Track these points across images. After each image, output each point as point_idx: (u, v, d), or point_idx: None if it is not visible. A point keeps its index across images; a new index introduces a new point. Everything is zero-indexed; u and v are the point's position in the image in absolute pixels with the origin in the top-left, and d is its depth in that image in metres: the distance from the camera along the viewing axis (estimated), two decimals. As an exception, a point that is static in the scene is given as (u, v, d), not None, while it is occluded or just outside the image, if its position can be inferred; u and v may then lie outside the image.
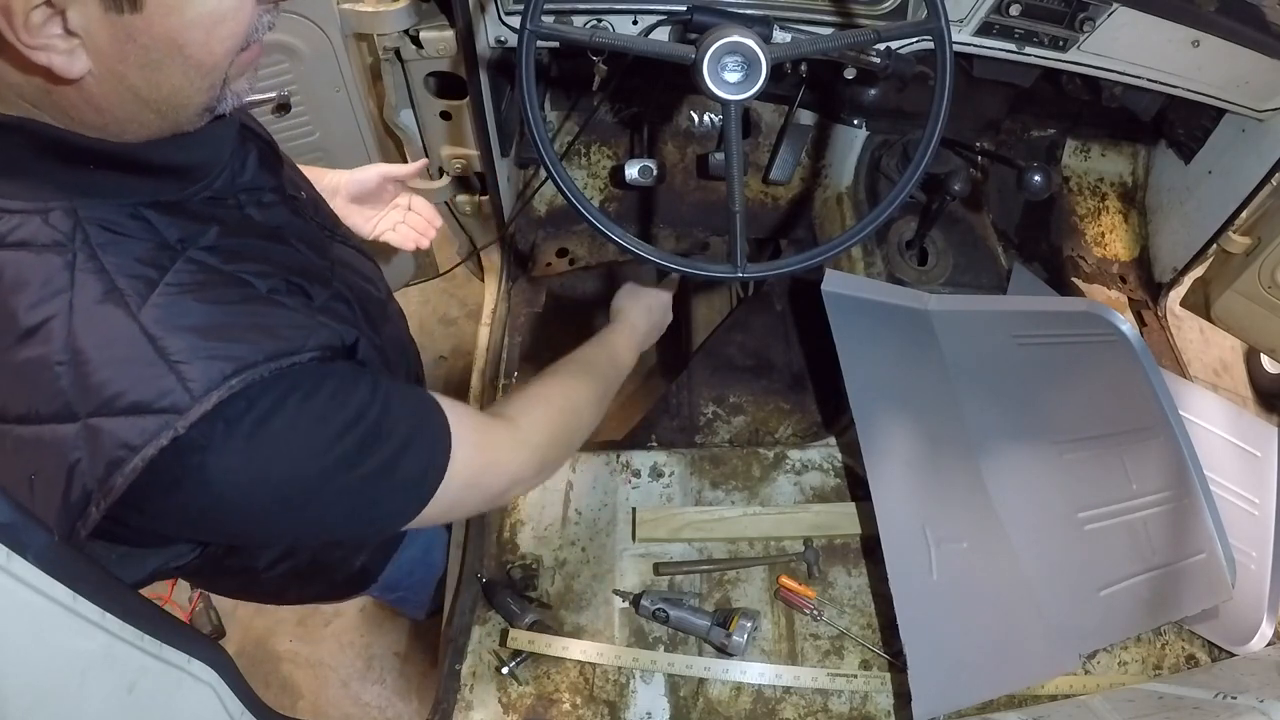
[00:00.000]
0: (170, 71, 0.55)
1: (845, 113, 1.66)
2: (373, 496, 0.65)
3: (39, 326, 0.52)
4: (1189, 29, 1.26)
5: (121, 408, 0.52)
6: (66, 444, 0.52)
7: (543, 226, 1.80)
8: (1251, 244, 1.55)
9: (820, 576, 1.19)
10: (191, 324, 0.55)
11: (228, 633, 2.01)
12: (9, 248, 0.54)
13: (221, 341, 0.55)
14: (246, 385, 0.54)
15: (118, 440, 0.51)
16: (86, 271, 0.54)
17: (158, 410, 0.52)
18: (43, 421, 0.53)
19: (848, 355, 1.21)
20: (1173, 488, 1.32)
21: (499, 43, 1.25)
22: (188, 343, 0.54)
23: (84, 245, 0.54)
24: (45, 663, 0.56)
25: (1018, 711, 1.03)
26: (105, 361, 0.52)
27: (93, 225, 0.55)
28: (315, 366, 0.60)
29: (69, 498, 0.53)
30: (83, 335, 0.52)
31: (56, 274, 0.53)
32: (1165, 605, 1.20)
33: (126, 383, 0.52)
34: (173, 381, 0.52)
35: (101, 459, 0.52)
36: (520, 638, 1.08)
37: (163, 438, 0.51)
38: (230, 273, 0.59)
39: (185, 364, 0.53)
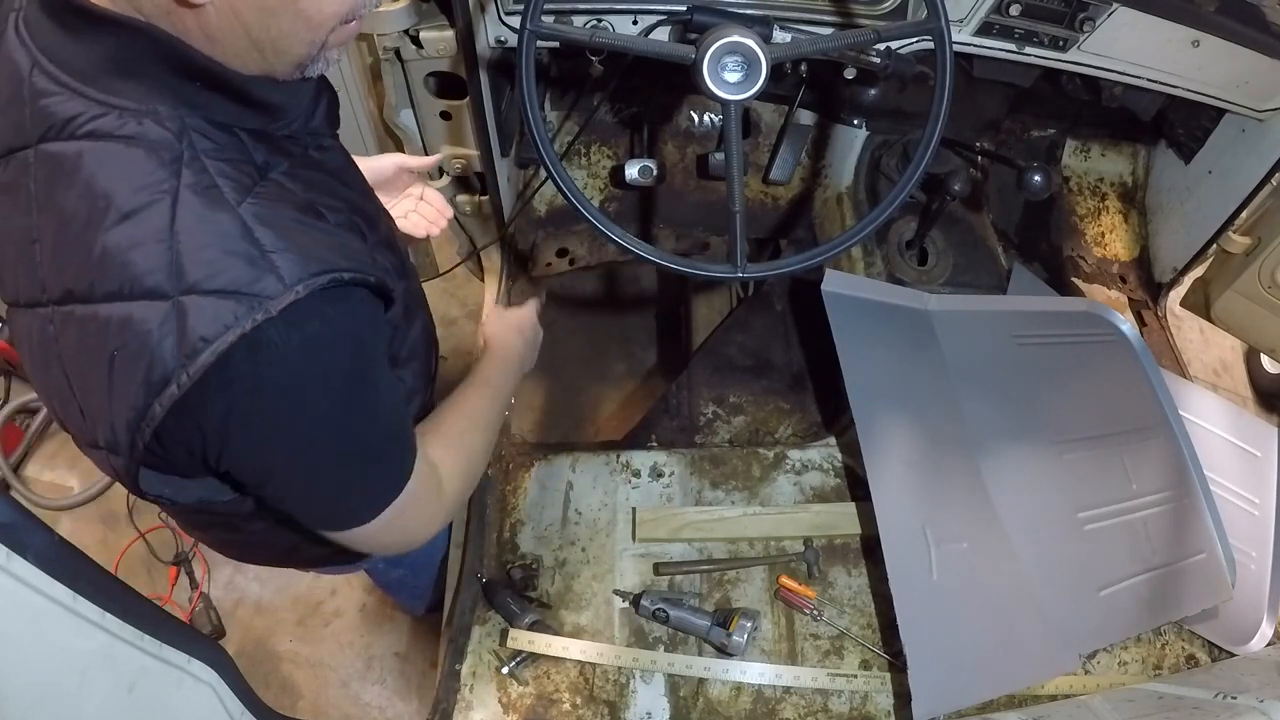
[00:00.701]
0: (281, 18, 0.59)
1: (845, 113, 1.66)
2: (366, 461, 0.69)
3: (140, 209, 0.55)
4: (1189, 29, 1.26)
5: (214, 288, 0.54)
6: (155, 321, 0.54)
7: (543, 226, 1.80)
8: (1251, 244, 1.55)
9: (820, 576, 1.19)
10: (282, 225, 0.58)
11: (228, 633, 2.01)
12: (116, 140, 0.56)
13: (309, 244, 0.59)
14: (330, 284, 0.58)
15: (209, 317, 0.54)
16: (190, 168, 0.57)
17: (249, 294, 0.54)
18: (134, 298, 0.55)
19: (848, 355, 1.21)
20: (1173, 488, 1.32)
21: (499, 43, 1.25)
22: (279, 238, 0.57)
23: (189, 146, 0.58)
24: (45, 663, 0.56)
25: (1018, 711, 1.03)
26: (202, 244, 0.55)
27: (196, 131, 0.59)
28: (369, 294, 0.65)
29: (150, 375, 0.55)
30: (183, 219, 0.55)
31: (164, 166, 0.56)
32: (1165, 605, 1.20)
33: (221, 265, 0.55)
34: (265, 268, 0.55)
35: (190, 335, 0.54)
36: (520, 638, 1.08)
37: (255, 316, 0.54)
38: (308, 200, 0.63)
39: (277, 254, 0.56)
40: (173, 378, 0.54)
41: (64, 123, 0.57)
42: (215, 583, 2.08)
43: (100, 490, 2.18)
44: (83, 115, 0.57)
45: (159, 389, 0.55)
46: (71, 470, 2.25)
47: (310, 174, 0.67)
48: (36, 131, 0.58)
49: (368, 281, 0.62)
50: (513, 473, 1.28)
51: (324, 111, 0.74)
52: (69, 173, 0.57)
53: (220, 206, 0.56)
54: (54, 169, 0.57)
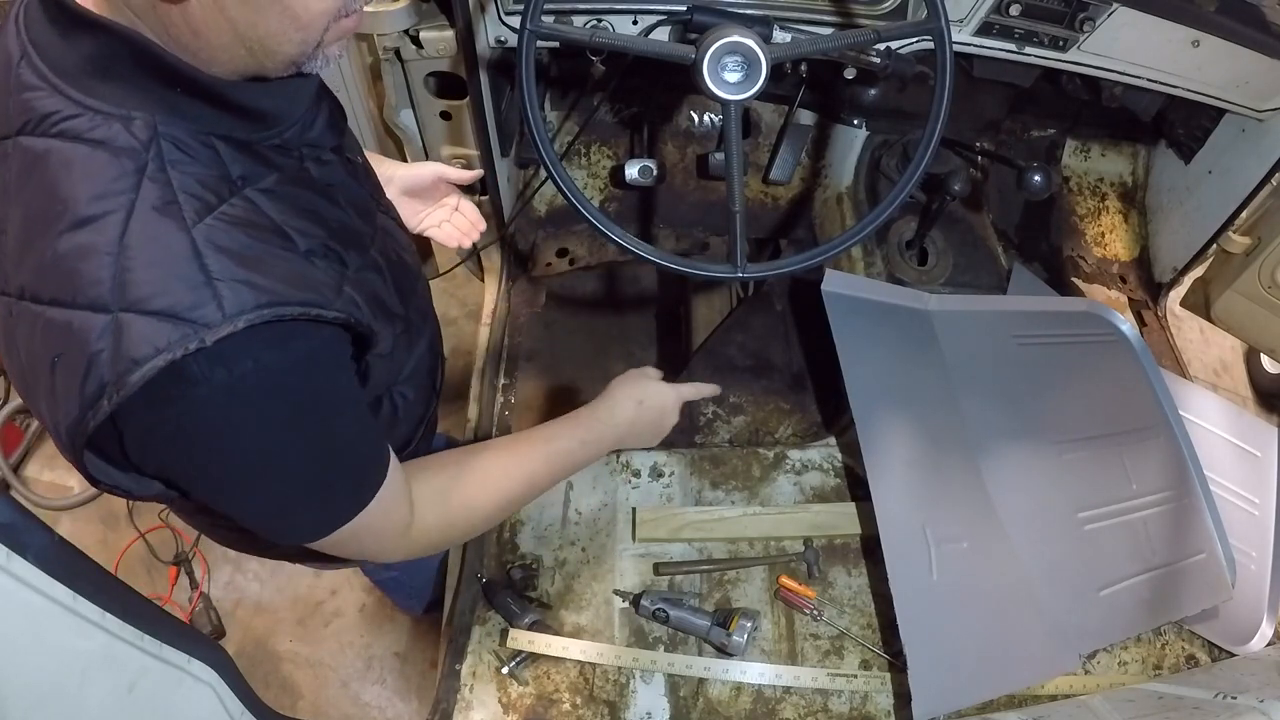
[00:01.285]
0: (268, 15, 0.57)
1: (845, 113, 1.66)
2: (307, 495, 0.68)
3: (96, 218, 0.54)
4: (1189, 29, 1.26)
5: (153, 309, 0.53)
6: (93, 333, 0.53)
7: (543, 226, 1.80)
8: (1251, 244, 1.55)
9: (820, 576, 1.19)
10: (236, 251, 0.57)
11: (228, 633, 2.01)
12: (84, 142, 0.56)
13: (259, 274, 0.57)
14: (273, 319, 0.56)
15: (143, 338, 0.53)
16: (153, 180, 0.56)
17: (187, 319, 0.53)
18: (76, 307, 0.54)
19: (848, 355, 1.21)
20: (1173, 488, 1.32)
21: (499, 43, 1.25)
22: (229, 265, 0.56)
23: (156, 156, 0.57)
24: (45, 663, 0.56)
25: (1018, 711, 1.03)
26: (149, 262, 0.54)
27: (167, 141, 0.58)
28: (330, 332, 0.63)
29: (85, 387, 0.54)
30: (135, 234, 0.54)
31: (126, 175, 0.55)
32: (1165, 605, 1.20)
33: (164, 286, 0.54)
34: (208, 295, 0.54)
35: (123, 354, 0.53)
36: (520, 638, 1.08)
37: (188, 344, 0.53)
38: (278, 224, 0.62)
39: (223, 283, 0.55)
40: (104, 393, 0.54)
41: (40, 118, 0.57)
42: (215, 583, 2.08)
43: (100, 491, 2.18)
44: (58, 113, 0.57)
45: (91, 401, 0.54)
46: (71, 470, 2.24)
47: (296, 191, 0.65)
48: (16, 123, 0.58)
49: (322, 317, 0.60)
50: (513, 473, 1.27)
51: (324, 122, 0.72)
52: (37, 169, 0.56)
53: (174, 225, 0.55)
54: (26, 163, 0.57)
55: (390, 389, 0.85)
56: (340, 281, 0.65)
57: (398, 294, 0.76)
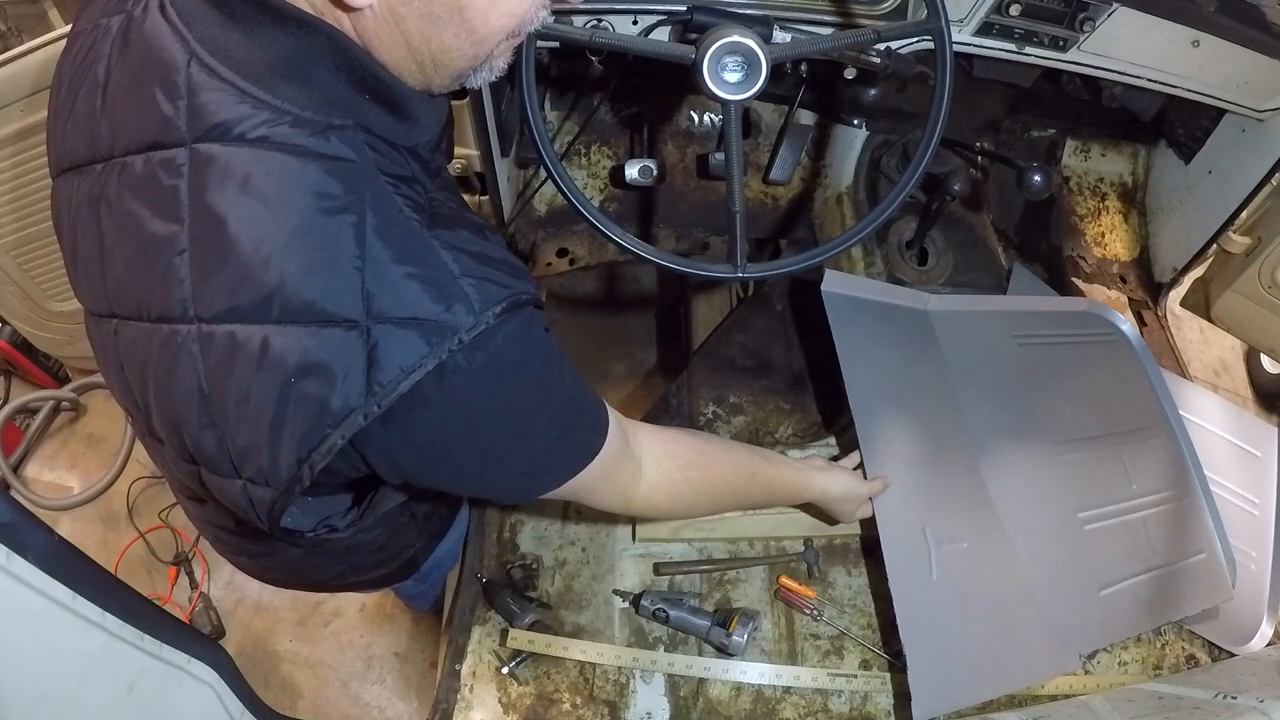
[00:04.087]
0: (444, 29, 0.57)
1: (845, 113, 1.66)
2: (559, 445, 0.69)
3: (322, 229, 0.52)
4: (1189, 29, 1.26)
5: (405, 316, 0.52)
6: (338, 350, 0.52)
7: (543, 226, 1.80)
8: (1251, 244, 1.55)
9: (820, 576, 1.19)
10: (464, 247, 0.56)
11: (228, 633, 2.01)
12: (288, 150, 0.53)
13: (490, 267, 0.57)
14: (512, 307, 0.56)
15: (402, 347, 0.52)
16: (373, 186, 0.55)
17: (441, 323, 0.53)
18: (315, 324, 0.52)
19: (847, 355, 1.21)
20: (1173, 488, 1.32)
21: (499, 43, 1.25)
22: (465, 262, 0.56)
23: (369, 164, 0.56)
24: (45, 663, 0.56)
25: (1018, 711, 1.03)
26: (393, 269, 0.53)
27: (370, 148, 0.57)
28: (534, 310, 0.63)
29: (330, 405, 0.52)
30: (372, 242, 0.52)
31: (343, 184, 0.53)
32: (1165, 605, 1.20)
33: (413, 293, 0.53)
34: (457, 293, 0.54)
35: (381, 366, 0.52)
36: (520, 638, 1.08)
37: (450, 345, 0.53)
38: (470, 218, 0.61)
39: (466, 279, 0.55)
40: (358, 408, 0.52)
41: (229, 125, 0.53)
42: (215, 583, 2.08)
43: (100, 490, 2.18)
44: (252, 119, 0.53)
45: (339, 419, 0.52)
46: (71, 470, 2.25)
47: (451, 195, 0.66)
48: (194, 131, 0.54)
49: (539, 300, 0.62)
50: (513, 473, 1.28)
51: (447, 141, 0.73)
52: (234, 180, 0.52)
53: (409, 230, 0.54)
54: (214, 174, 0.53)
55: None
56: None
57: None
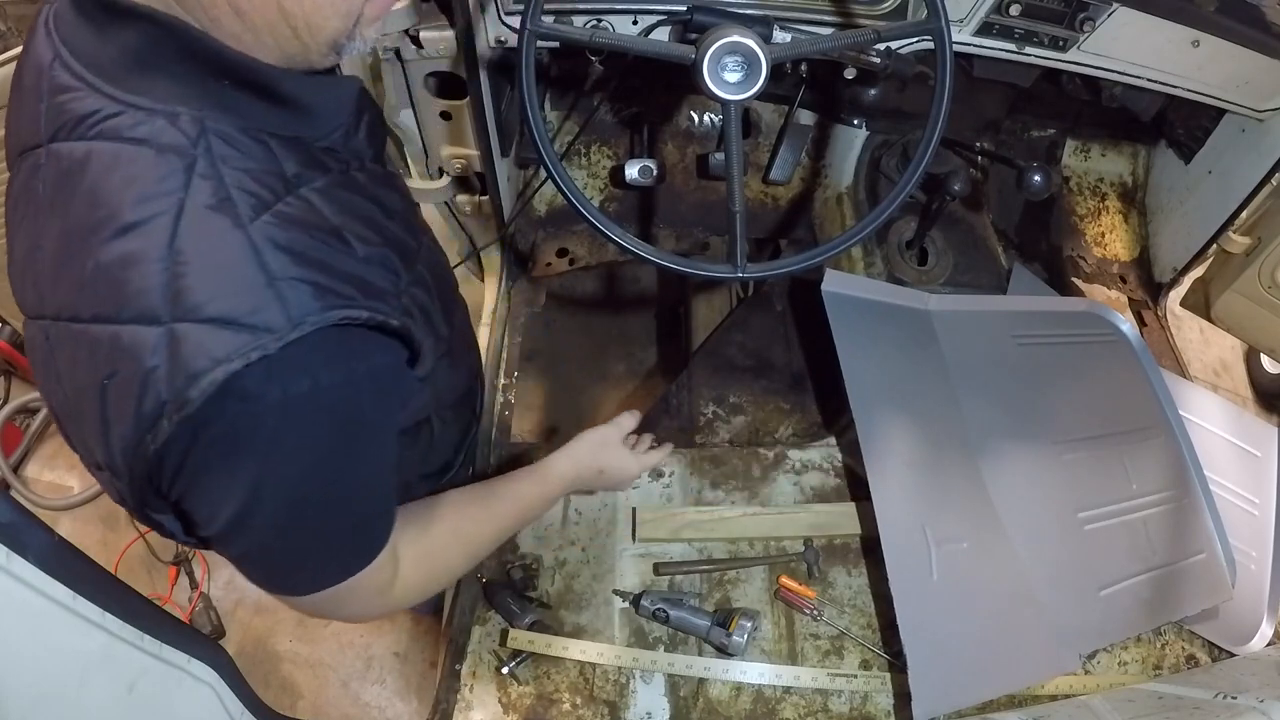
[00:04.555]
0: None
1: (845, 113, 1.66)
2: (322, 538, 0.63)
3: (142, 222, 0.50)
4: (1189, 29, 1.26)
5: (210, 315, 0.49)
6: (146, 348, 0.49)
7: (543, 226, 1.80)
8: (1251, 244, 1.55)
9: (820, 576, 1.19)
10: (296, 250, 0.53)
11: (228, 633, 2.01)
12: (126, 142, 0.52)
13: (324, 274, 0.53)
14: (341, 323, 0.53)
15: (201, 348, 0.49)
16: (204, 177, 0.52)
17: (249, 325, 0.49)
18: (123, 321, 0.50)
19: (848, 355, 1.21)
20: (1173, 488, 1.32)
21: (499, 43, 1.25)
22: (290, 266, 0.52)
23: (206, 152, 0.53)
24: (45, 663, 0.56)
25: (1018, 711, 1.03)
26: (203, 265, 0.50)
27: (217, 136, 0.54)
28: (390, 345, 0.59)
29: (141, 408, 0.50)
30: (186, 236, 0.50)
31: (174, 174, 0.51)
32: (1165, 605, 1.20)
33: (221, 290, 0.50)
34: (270, 298, 0.50)
35: (181, 367, 0.49)
36: (520, 638, 1.08)
37: (251, 354, 0.49)
38: (336, 225, 0.58)
39: (285, 283, 0.51)
40: (163, 413, 0.50)
41: (76, 121, 0.53)
42: (215, 583, 2.08)
43: (100, 490, 2.18)
44: (97, 114, 0.53)
45: (151, 423, 0.50)
46: (71, 470, 2.25)
47: (348, 196, 0.62)
48: (50, 129, 0.54)
49: (387, 325, 0.57)
50: (513, 473, 1.28)
51: (366, 129, 0.69)
52: (75, 176, 0.52)
53: (229, 223, 0.51)
54: (61, 171, 0.53)
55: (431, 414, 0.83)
56: (397, 291, 0.61)
57: (443, 312, 0.73)
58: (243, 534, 0.59)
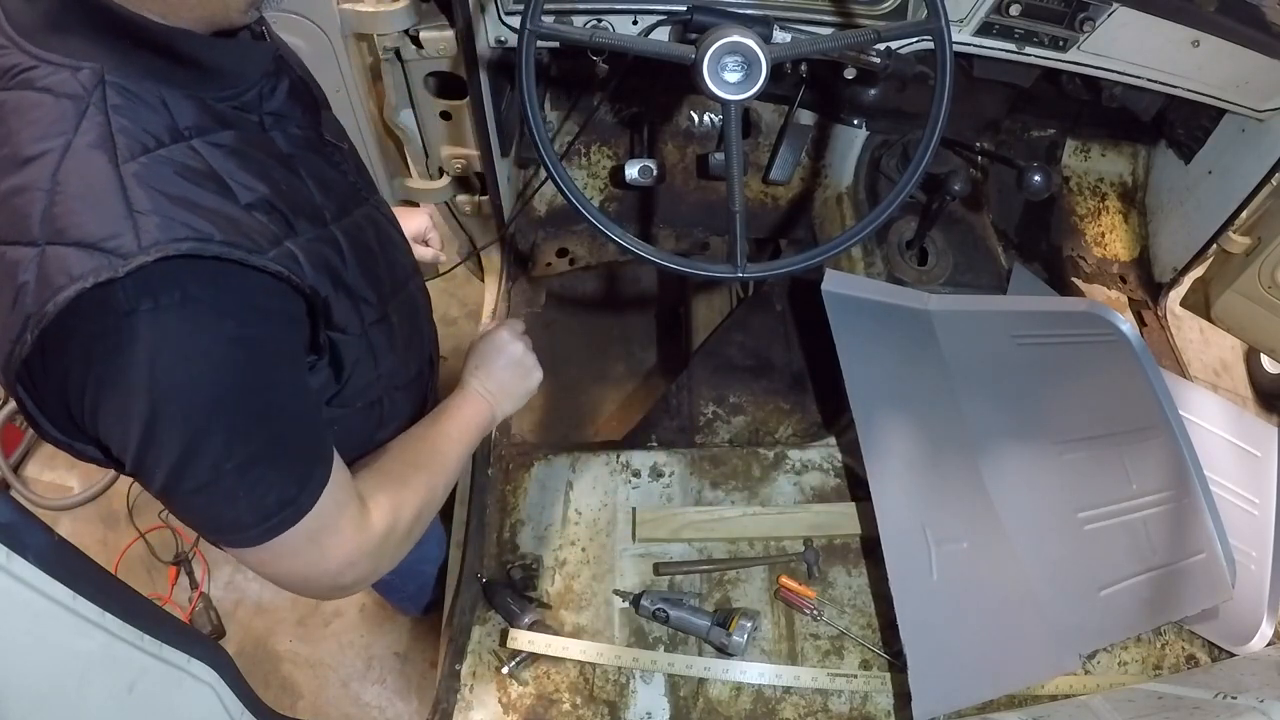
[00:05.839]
0: None
1: (845, 113, 1.66)
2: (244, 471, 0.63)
3: (35, 158, 0.56)
4: (1189, 29, 1.26)
5: (73, 239, 0.54)
6: (22, 266, 0.55)
7: (543, 226, 1.80)
8: (1251, 244, 1.55)
9: (820, 576, 1.19)
10: (164, 189, 0.58)
11: (228, 633, 2.01)
12: (35, 90, 0.58)
13: (185, 211, 0.57)
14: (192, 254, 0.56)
15: (61, 267, 0.54)
16: (91, 120, 0.57)
17: (104, 249, 0.54)
18: (10, 243, 0.56)
19: (848, 355, 1.21)
20: (1173, 488, 1.32)
21: (499, 43, 1.25)
22: (153, 200, 0.56)
23: (99, 101, 0.58)
24: (45, 663, 0.56)
25: (1018, 711, 1.03)
26: (75, 195, 0.56)
27: (114, 89, 0.59)
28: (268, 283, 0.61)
29: (12, 319, 0.55)
30: (67, 170, 0.56)
31: (66, 118, 0.57)
32: (1165, 605, 1.20)
33: (85, 218, 0.55)
34: (127, 227, 0.55)
35: (44, 283, 0.54)
36: (520, 638, 1.08)
37: (100, 274, 0.53)
38: (219, 173, 0.62)
39: (143, 215, 0.55)
40: (28, 326, 0.55)
41: (2, 73, 0.60)
42: (215, 583, 2.08)
43: (100, 490, 2.18)
44: (18, 66, 0.59)
45: (19, 335, 0.55)
46: (71, 470, 2.25)
47: (251, 151, 0.65)
48: None
49: (247, 261, 0.58)
50: (513, 473, 1.28)
51: (285, 93, 0.72)
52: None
53: (104, 160, 0.56)
54: None
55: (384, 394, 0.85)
56: (281, 238, 0.63)
57: (363, 276, 0.74)
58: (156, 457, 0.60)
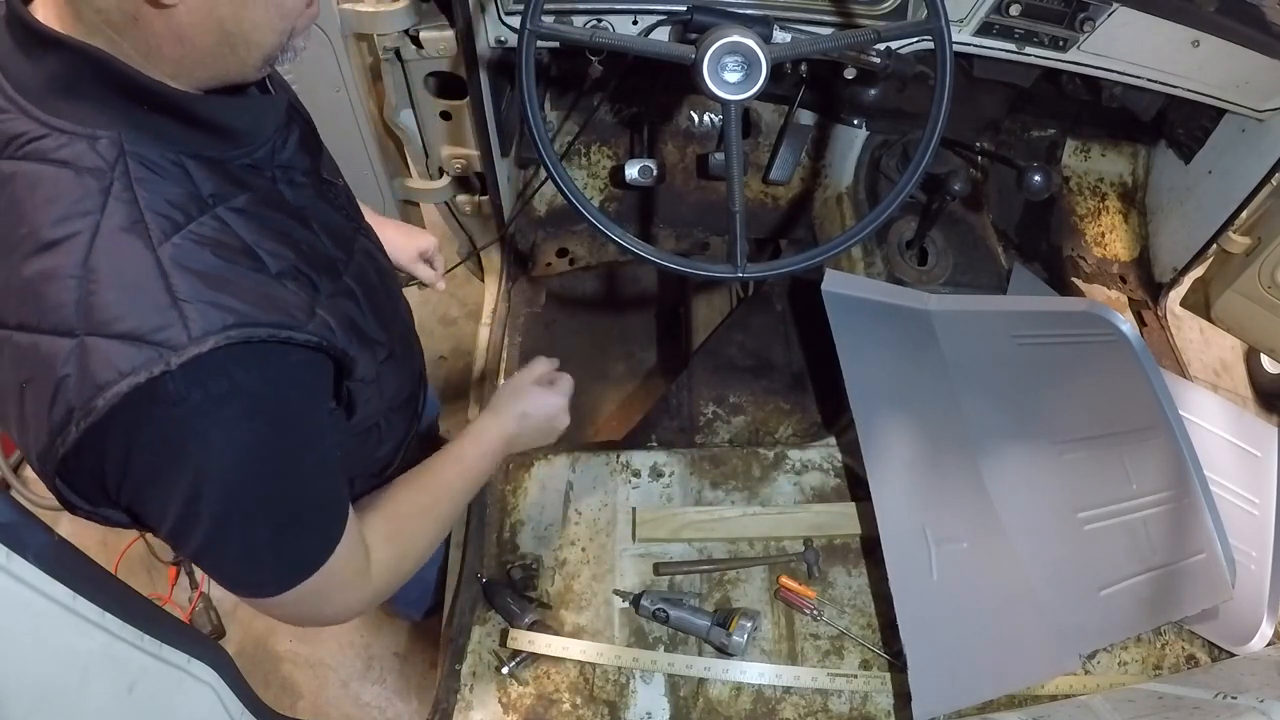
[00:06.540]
0: (254, 8, 0.59)
1: (845, 113, 1.66)
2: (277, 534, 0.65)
3: (61, 241, 0.54)
4: (1189, 29, 1.26)
5: (118, 332, 0.53)
6: (59, 358, 0.53)
7: (543, 226, 1.80)
8: (1251, 244, 1.55)
9: (820, 576, 1.19)
10: (204, 270, 0.56)
11: (228, 633, 2.01)
12: (50, 163, 0.56)
13: (228, 295, 0.56)
14: (242, 340, 0.56)
15: (108, 362, 0.52)
16: (119, 199, 0.55)
17: (152, 342, 0.53)
18: (42, 332, 0.54)
19: (848, 355, 1.21)
20: (1173, 488, 1.32)
21: (499, 43, 1.25)
22: (197, 286, 0.55)
23: (123, 175, 0.56)
24: (45, 663, 0.56)
25: (1018, 711, 1.03)
26: (114, 284, 0.53)
27: (135, 159, 0.57)
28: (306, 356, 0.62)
29: (53, 413, 0.54)
30: (100, 255, 0.54)
31: (90, 196, 0.55)
32: (1165, 605, 1.20)
33: (129, 308, 0.53)
34: (174, 317, 0.53)
35: (89, 378, 0.53)
36: (520, 638, 1.08)
37: (153, 368, 0.52)
38: (249, 244, 0.61)
39: (189, 304, 0.54)
40: (71, 419, 0.53)
41: (6, 141, 0.56)
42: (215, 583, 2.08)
43: (100, 490, 2.18)
44: (25, 135, 0.56)
45: (60, 428, 0.54)
46: (71, 470, 2.25)
47: (268, 212, 0.65)
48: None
49: (293, 339, 0.59)
50: (513, 473, 1.28)
51: (296, 143, 0.72)
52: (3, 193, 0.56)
53: (141, 245, 0.54)
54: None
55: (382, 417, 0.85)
56: (313, 304, 0.64)
57: (376, 319, 0.75)
58: (193, 530, 0.62)
